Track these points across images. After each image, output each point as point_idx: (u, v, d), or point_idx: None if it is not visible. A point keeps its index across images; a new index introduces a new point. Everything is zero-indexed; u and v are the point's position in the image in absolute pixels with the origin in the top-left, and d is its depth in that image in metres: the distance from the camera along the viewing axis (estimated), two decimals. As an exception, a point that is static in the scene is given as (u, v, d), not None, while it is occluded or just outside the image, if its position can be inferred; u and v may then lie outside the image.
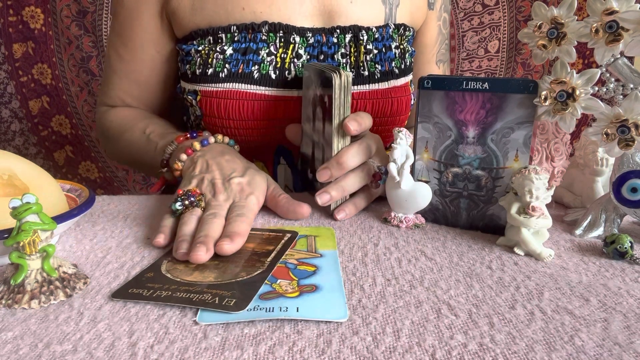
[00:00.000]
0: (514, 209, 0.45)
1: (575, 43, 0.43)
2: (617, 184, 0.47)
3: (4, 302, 0.35)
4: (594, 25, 0.41)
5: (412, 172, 0.51)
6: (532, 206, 0.43)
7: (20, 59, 1.40)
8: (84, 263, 0.42)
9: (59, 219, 0.40)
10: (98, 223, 0.52)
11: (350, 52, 0.65)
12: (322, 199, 0.52)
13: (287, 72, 0.63)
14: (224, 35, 0.62)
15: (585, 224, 0.49)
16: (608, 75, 0.44)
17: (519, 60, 1.47)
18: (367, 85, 0.65)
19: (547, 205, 0.45)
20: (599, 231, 0.48)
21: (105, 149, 0.80)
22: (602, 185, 0.54)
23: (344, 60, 0.65)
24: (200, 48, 0.64)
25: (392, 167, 0.50)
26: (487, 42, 1.47)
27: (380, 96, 0.65)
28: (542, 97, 0.44)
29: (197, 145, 0.57)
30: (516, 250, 0.45)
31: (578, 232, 0.49)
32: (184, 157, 0.57)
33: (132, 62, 0.71)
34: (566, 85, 0.43)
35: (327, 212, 0.55)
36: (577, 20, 0.43)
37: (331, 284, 0.38)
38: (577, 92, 0.42)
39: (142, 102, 0.75)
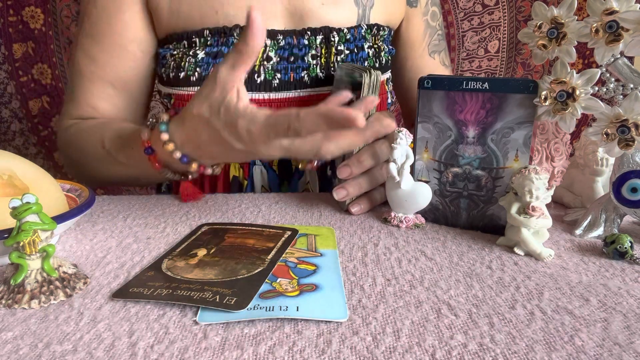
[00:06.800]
0: (514, 209, 0.45)
1: (575, 43, 0.43)
2: (617, 184, 0.47)
3: (4, 302, 0.35)
4: (594, 25, 0.41)
5: (412, 172, 0.51)
6: (532, 206, 0.43)
7: (20, 59, 1.40)
8: (84, 263, 0.42)
9: (59, 219, 0.40)
10: (98, 223, 0.52)
11: (321, 53, 0.65)
12: (339, 194, 0.54)
13: (256, 75, 0.63)
14: (197, 39, 0.62)
15: (585, 224, 0.49)
16: (608, 75, 0.44)
17: (519, 60, 1.47)
18: None
19: (547, 205, 0.45)
20: (599, 231, 0.48)
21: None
22: (602, 185, 0.54)
23: (315, 62, 0.65)
24: (175, 52, 0.64)
25: (392, 167, 0.50)
26: (487, 42, 1.46)
27: None
28: (542, 97, 0.44)
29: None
30: (516, 250, 0.45)
31: (578, 232, 0.49)
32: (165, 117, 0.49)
33: (109, 62, 0.66)
34: (566, 85, 0.43)
35: (328, 212, 0.55)
36: (577, 20, 0.43)
37: (331, 284, 0.38)
38: (577, 92, 0.42)
39: (115, 106, 0.69)
